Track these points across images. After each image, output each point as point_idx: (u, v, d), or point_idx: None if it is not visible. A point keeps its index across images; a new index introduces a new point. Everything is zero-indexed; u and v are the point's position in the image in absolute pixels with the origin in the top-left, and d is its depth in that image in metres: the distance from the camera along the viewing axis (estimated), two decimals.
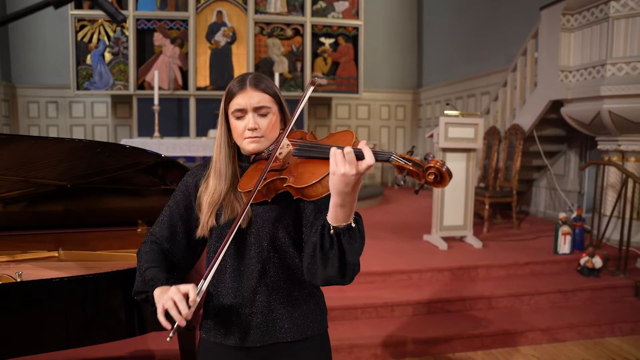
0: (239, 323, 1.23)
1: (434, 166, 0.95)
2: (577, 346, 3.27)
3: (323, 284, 1.13)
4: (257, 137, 1.21)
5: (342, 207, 1.02)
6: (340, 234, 1.04)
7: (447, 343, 3.10)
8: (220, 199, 1.22)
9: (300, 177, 1.07)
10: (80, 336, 1.76)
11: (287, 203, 1.20)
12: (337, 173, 0.98)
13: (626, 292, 3.83)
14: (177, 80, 7.26)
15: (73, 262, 2.23)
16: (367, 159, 0.98)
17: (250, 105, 1.20)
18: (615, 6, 4.18)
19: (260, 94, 1.21)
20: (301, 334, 1.25)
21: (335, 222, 1.04)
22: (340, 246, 1.05)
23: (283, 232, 1.23)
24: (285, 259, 1.24)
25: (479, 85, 7.43)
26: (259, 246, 1.22)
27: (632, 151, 4.45)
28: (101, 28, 7.13)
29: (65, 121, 8.30)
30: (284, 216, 1.22)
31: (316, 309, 1.29)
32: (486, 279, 3.81)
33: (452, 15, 8.31)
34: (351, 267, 1.08)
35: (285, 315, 1.23)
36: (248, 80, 1.22)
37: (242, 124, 1.21)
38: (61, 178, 2.30)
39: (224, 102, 1.24)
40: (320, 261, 1.07)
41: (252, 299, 1.22)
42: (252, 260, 1.22)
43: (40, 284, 1.68)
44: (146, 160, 2.24)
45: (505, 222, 5.53)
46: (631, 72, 4.15)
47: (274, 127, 1.24)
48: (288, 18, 7.59)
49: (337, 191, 0.99)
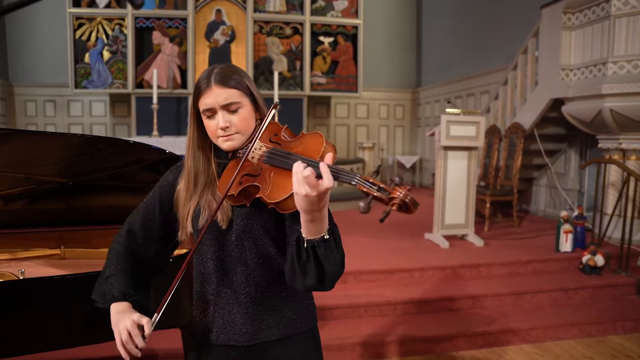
0: (225, 322, 1.21)
1: (398, 197, 0.90)
2: (579, 344, 3.26)
3: (304, 292, 1.14)
4: (230, 134, 1.16)
5: (312, 222, 1.00)
6: (316, 247, 1.02)
7: (450, 341, 3.09)
8: (195, 203, 1.20)
9: (272, 188, 1.04)
10: (82, 335, 1.74)
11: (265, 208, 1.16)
12: (299, 193, 0.95)
13: (628, 290, 3.83)
14: (176, 79, 7.23)
15: (75, 259, 2.21)
16: (325, 182, 0.93)
17: (217, 104, 1.15)
18: (616, 4, 4.18)
19: (227, 90, 1.15)
20: (288, 331, 1.23)
21: (309, 235, 1.02)
22: (316, 258, 1.03)
23: (264, 233, 1.20)
24: (269, 258, 1.21)
25: (478, 84, 7.43)
26: (241, 246, 1.19)
27: (633, 149, 4.45)
28: (99, 26, 7.09)
29: (63, 120, 8.25)
30: (264, 217, 1.18)
31: (303, 305, 1.26)
32: (488, 277, 3.80)
33: (451, 14, 8.31)
34: (329, 276, 1.06)
35: (271, 313, 1.22)
36: (213, 77, 1.15)
37: (214, 123, 1.16)
38: (62, 175, 2.28)
39: (193, 100, 1.19)
40: (299, 272, 1.06)
41: (238, 298, 1.20)
42: (235, 260, 1.20)
43: (43, 282, 1.67)
44: (149, 157, 2.21)
45: (505, 220, 5.53)
46: (633, 70, 4.15)
47: (247, 122, 1.18)
48: (287, 17, 7.57)
49: (303, 209, 0.98)
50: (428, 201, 5.18)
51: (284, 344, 1.23)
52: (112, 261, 1.25)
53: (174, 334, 2.35)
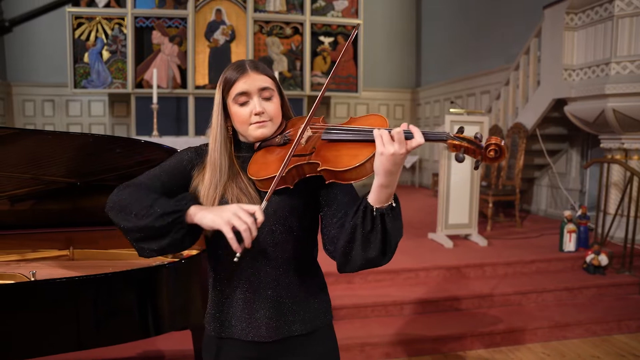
0: (249, 318, 1.20)
1: (495, 142, 0.97)
2: (585, 343, 3.27)
3: (359, 268, 1.10)
4: (264, 121, 1.17)
5: (386, 188, 1.01)
6: (384, 215, 1.03)
7: (457, 341, 3.09)
8: (219, 194, 1.17)
9: (337, 160, 1.04)
10: (91, 337, 1.72)
11: (300, 191, 1.17)
12: (385, 153, 0.98)
13: (631, 290, 3.85)
14: (176, 78, 7.20)
15: (85, 260, 2.19)
16: (417, 139, 0.99)
17: (255, 88, 1.16)
18: (619, 5, 4.19)
19: (263, 77, 1.18)
20: (311, 326, 1.23)
21: (378, 203, 1.03)
22: (383, 227, 1.03)
23: (297, 222, 1.19)
24: (298, 250, 1.21)
25: (478, 85, 7.44)
26: (273, 237, 1.18)
27: (636, 149, 4.47)
28: (99, 26, 7.05)
29: (62, 120, 8.20)
30: (299, 205, 1.19)
31: (323, 301, 1.28)
32: (493, 277, 3.81)
33: (451, 14, 8.32)
34: (392, 246, 1.07)
35: (295, 308, 1.21)
36: (247, 65, 1.18)
37: (247, 109, 1.16)
38: (70, 175, 2.26)
39: (221, 91, 1.19)
40: (361, 244, 1.05)
41: (263, 292, 1.19)
42: (264, 253, 1.18)
43: (55, 283, 1.65)
44: (160, 157, 2.19)
45: (507, 220, 5.54)
46: (636, 70, 4.17)
47: (278, 111, 1.20)
48: (287, 17, 7.56)
49: (385, 171, 0.99)
50: (429, 201, 5.20)
51: (307, 338, 1.23)
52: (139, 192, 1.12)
53: (180, 335, 2.34)
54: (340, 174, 1.04)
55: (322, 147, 1.10)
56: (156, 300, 1.84)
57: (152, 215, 1.06)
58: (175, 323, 1.92)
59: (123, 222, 1.11)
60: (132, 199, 1.11)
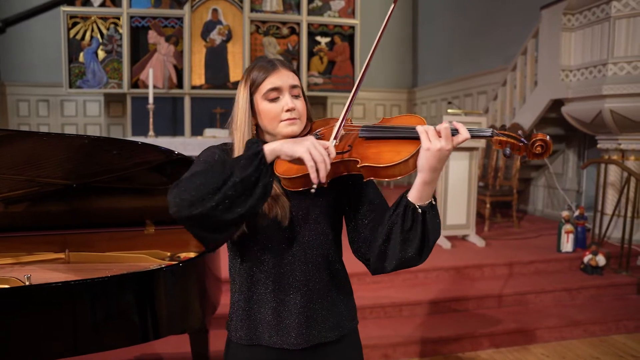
0: (278, 324, 1.16)
1: (541, 138, 0.99)
2: (584, 344, 3.27)
3: (394, 268, 1.08)
4: (295, 118, 1.15)
5: (429, 185, 1.01)
6: (425, 212, 1.02)
7: (457, 342, 3.08)
8: None
9: (378, 156, 1.03)
10: (89, 342, 1.69)
11: (330, 192, 1.16)
12: (432, 148, 0.98)
13: (629, 290, 3.85)
14: (172, 78, 7.16)
15: (81, 263, 2.16)
16: (463, 134, 1.00)
17: (286, 84, 1.15)
18: (616, 6, 4.19)
19: (293, 75, 1.17)
20: (339, 332, 1.21)
21: (419, 200, 1.02)
22: (424, 225, 1.03)
23: (327, 224, 1.18)
24: (328, 252, 1.19)
25: (475, 85, 7.44)
26: (302, 242, 1.16)
27: (632, 150, 4.48)
28: (94, 25, 6.99)
29: (57, 120, 8.14)
30: (329, 206, 1.17)
31: (350, 305, 1.26)
32: (492, 278, 3.80)
33: (447, 14, 8.32)
34: (430, 244, 1.06)
35: (325, 315, 1.19)
36: (277, 62, 1.17)
37: (278, 105, 1.14)
38: (66, 177, 2.24)
39: (248, 87, 1.17)
40: (400, 243, 1.04)
41: (293, 297, 1.16)
42: (293, 257, 1.16)
43: (50, 288, 1.62)
44: (157, 158, 2.17)
45: (505, 220, 5.54)
46: (632, 71, 4.17)
47: (305, 111, 1.19)
48: (284, 17, 7.53)
49: (430, 167, 0.99)
50: None
51: (336, 345, 1.21)
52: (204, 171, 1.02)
53: (178, 338, 2.31)
54: (382, 170, 1.02)
55: (359, 145, 1.08)
56: (154, 304, 1.82)
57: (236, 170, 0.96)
58: (174, 327, 1.90)
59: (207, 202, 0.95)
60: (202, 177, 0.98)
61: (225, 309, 2.77)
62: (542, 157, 1.00)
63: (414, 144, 1.02)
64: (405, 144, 1.03)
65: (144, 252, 2.20)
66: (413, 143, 1.02)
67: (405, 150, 1.02)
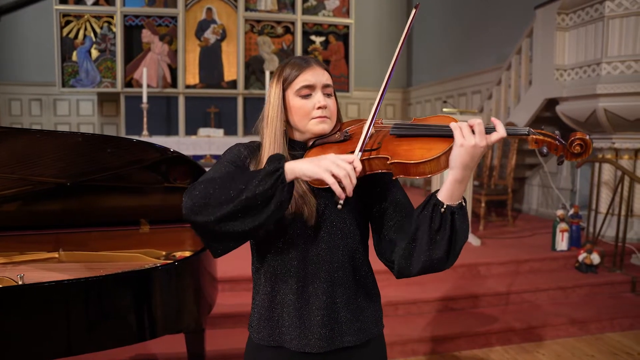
0: (300, 325, 1.13)
1: (580, 137, 0.96)
2: (579, 342, 3.28)
3: (419, 272, 1.05)
4: (325, 116, 1.14)
5: (460, 184, 0.99)
6: (455, 213, 1.00)
7: (453, 341, 3.08)
8: None
9: (409, 153, 1.01)
10: (83, 342, 1.67)
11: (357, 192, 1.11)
12: (466, 145, 0.95)
13: (624, 288, 3.87)
14: (166, 78, 7.12)
15: (75, 263, 2.14)
16: (500, 131, 0.97)
17: (320, 82, 1.14)
18: (610, 6, 4.22)
19: (326, 73, 1.17)
20: (364, 337, 1.17)
21: (450, 200, 1.00)
22: (452, 226, 1.00)
23: (355, 224, 1.15)
24: (354, 256, 1.16)
25: (469, 84, 7.46)
26: (328, 241, 1.13)
27: (626, 149, 4.51)
28: (87, 24, 6.94)
29: (50, 119, 8.08)
30: (356, 206, 1.15)
31: (376, 309, 1.23)
32: (487, 277, 3.80)
33: (442, 14, 8.34)
34: (458, 248, 1.02)
35: (350, 319, 1.15)
36: (310, 59, 1.17)
37: (310, 102, 1.14)
38: (60, 175, 2.21)
39: (281, 83, 1.16)
40: (427, 244, 1.01)
41: (316, 301, 1.13)
42: (321, 259, 1.13)
43: (44, 287, 1.59)
44: (151, 157, 2.15)
45: (500, 219, 5.56)
46: (626, 70, 4.20)
47: (336, 110, 1.18)
48: (278, 16, 7.51)
49: (463, 165, 0.97)
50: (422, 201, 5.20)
51: (360, 350, 1.17)
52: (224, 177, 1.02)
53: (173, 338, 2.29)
54: (412, 167, 1.00)
55: (390, 142, 1.07)
56: (150, 304, 1.80)
57: (252, 183, 0.96)
58: (169, 326, 1.88)
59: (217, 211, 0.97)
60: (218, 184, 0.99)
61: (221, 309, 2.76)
62: (581, 157, 0.97)
63: (446, 142, 1.00)
64: (437, 142, 1.01)
65: (139, 251, 2.18)
66: (445, 141, 1.00)
67: (437, 147, 1.00)
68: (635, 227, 4.49)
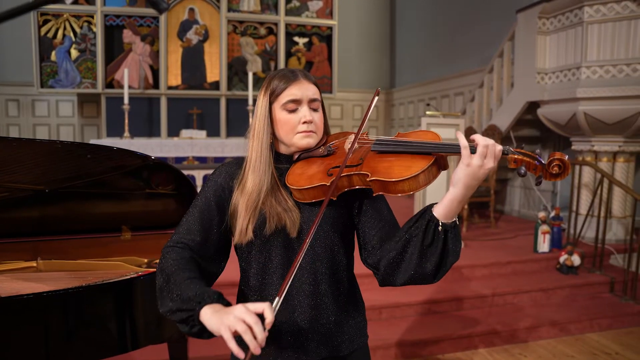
0: (289, 337, 1.14)
1: (559, 158, 0.96)
2: (560, 343, 3.32)
3: (405, 282, 1.06)
4: (311, 131, 1.14)
5: (460, 203, 0.99)
6: (448, 231, 1.00)
7: (436, 344, 3.10)
8: (260, 201, 1.12)
9: (388, 171, 1.01)
10: (62, 357, 1.63)
11: (341, 205, 1.14)
12: (473, 165, 0.96)
13: (602, 289, 3.94)
14: (148, 78, 7.03)
15: (53, 272, 2.09)
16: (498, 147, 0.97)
17: (306, 97, 1.14)
18: (588, 11, 4.28)
19: (314, 87, 1.16)
20: (353, 345, 1.19)
21: (445, 218, 1.00)
22: (445, 245, 1.00)
23: (338, 236, 1.15)
24: (337, 269, 1.17)
25: (452, 86, 7.53)
26: (312, 256, 1.13)
27: (605, 151, 4.58)
28: (66, 23, 6.81)
29: (28, 120, 7.91)
30: (339, 219, 1.15)
31: (361, 321, 1.24)
32: (470, 279, 3.83)
33: (425, 16, 8.39)
34: (447, 267, 1.03)
35: (333, 330, 1.16)
36: (299, 72, 1.16)
37: (296, 117, 1.14)
38: (38, 182, 2.16)
39: (268, 96, 1.15)
40: (417, 257, 1.01)
41: (302, 313, 1.13)
42: (302, 270, 1.13)
43: (21, 300, 1.55)
44: (132, 163, 2.12)
45: (482, 221, 5.61)
46: (604, 75, 4.27)
47: (322, 124, 1.18)
48: (261, 17, 7.48)
49: (466, 185, 0.97)
50: (405, 203, 5.21)
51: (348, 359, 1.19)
52: (177, 266, 1.05)
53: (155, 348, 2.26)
54: (391, 184, 1.01)
55: (371, 158, 1.07)
56: (132, 314, 1.77)
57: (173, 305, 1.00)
58: (152, 336, 1.85)
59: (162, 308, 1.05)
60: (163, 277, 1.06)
61: None
62: (559, 178, 0.97)
63: (425, 160, 1.00)
64: (417, 160, 1.01)
65: (120, 258, 2.14)
66: (425, 158, 1.01)
67: (416, 165, 1.00)
68: (614, 229, 4.58)
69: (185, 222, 1.16)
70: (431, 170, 1.01)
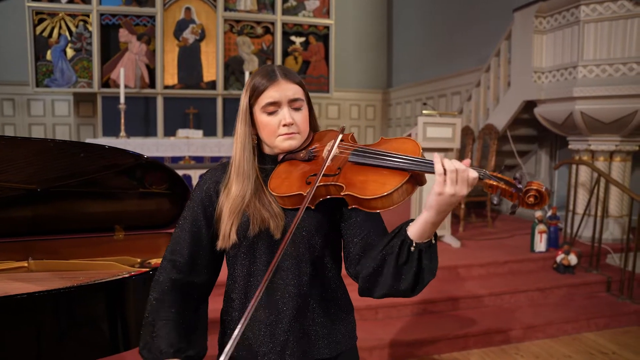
0: (270, 340, 1.13)
1: (536, 189, 0.90)
2: (557, 343, 3.32)
3: (382, 296, 1.06)
4: (293, 133, 1.11)
5: (433, 225, 0.97)
6: (422, 251, 0.99)
7: (432, 344, 3.08)
8: (244, 205, 1.10)
9: (363, 186, 0.99)
10: (54, 358, 1.61)
11: (326, 210, 1.12)
12: (445, 194, 0.93)
13: (599, 288, 3.94)
14: (144, 78, 7.00)
15: (45, 272, 2.06)
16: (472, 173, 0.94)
17: (285, 98, 1.10)
18: (585, 10, 4.28)
19: (294, 86, 1.12)
20: (337, 350, 1.17)
21: (419, 238, 0.98)
22: (419, 264, 0.99)
23: (322, 241, 1.14)
24: (323, 272, 1.16)
25: (449, 86, 7.52)
26: (295, 258, 1.12)
27: (602, 151, 4.58)
28: (62, 22, 6.77)
29: (23, 120, 7.87)
30: (323, 223, 1.13)
31: (349, 322, 1.22)
32: (467, 279, 3.82)
33: (422, 15, 8.38)
34: (425, 283, 1.02)
35: (321, 332, 1.15)
36: (278, 72, 1.12)
37: (276, 119, 1.11)
38: (29, 181, 2.13)
39: (248, 97, 1.13)
40: (392, 275, 1.01)
41: (287, 315, 1.12)
42: (286, 274, 1.12)
43: (11, 300, 1.53)
44: (125, 162, 2.10)
45: (479, 220, 5.60)
46: (601, 74, 4.26)
47: (306, 124, 1.16)
48: (258, 16, 7.45)
49: (438, 211, 0.95)
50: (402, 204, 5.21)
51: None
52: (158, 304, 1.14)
53: None
54: (365, 201, 0.98)
55: (349, 169, 1.05)
56: (124, 314, 1.75)
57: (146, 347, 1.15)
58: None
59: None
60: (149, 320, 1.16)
61: None
62: (535, 208, 0.93)
63: (401, 176, 0.98)
64: (392, 175, 0.99)
65: (113, 258, 2.12)
66: (400, 174, 0.98)
67: (390, 182, 0.98)
68: (610, 228, 4.57)
69: (175, 237, 1.17)
70: (406, 188, 0.99)
